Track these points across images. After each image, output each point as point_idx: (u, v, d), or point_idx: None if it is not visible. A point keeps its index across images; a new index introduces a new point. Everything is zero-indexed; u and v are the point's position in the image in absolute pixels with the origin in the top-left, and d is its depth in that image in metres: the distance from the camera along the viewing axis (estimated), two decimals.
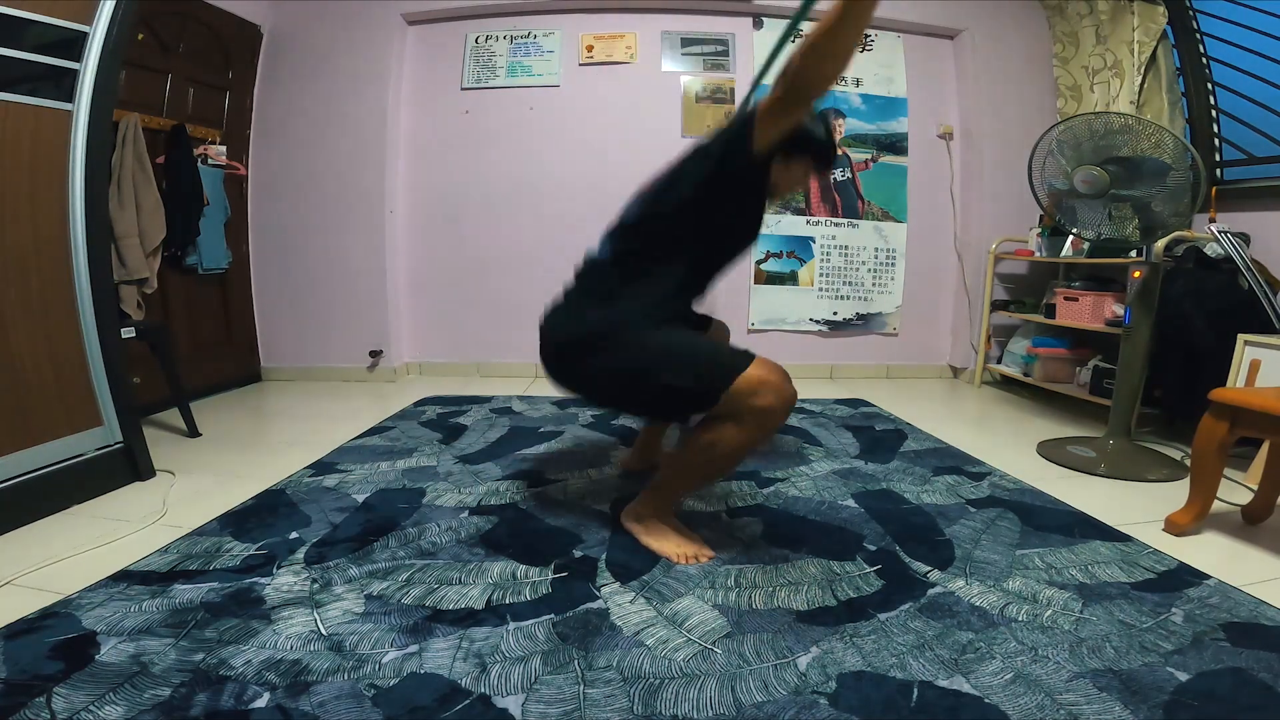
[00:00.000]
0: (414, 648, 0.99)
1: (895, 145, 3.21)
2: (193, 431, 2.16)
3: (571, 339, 1.29)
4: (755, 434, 1.18)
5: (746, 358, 1.17)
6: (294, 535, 1.37)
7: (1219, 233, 1.84)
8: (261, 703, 0.85)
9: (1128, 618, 1.08)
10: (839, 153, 1.42)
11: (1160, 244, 1.92)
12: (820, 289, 3.24)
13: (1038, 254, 2.91)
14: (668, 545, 1.31)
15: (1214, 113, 2.61)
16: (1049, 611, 1.10)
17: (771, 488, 1.69)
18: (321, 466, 1.82)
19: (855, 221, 3.21)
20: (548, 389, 2.85)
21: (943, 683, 0.91)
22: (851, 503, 1.59)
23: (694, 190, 1.26)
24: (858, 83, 3.17)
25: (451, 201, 3.14)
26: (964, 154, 3.24)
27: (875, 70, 3.18)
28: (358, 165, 2.98)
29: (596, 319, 1.27)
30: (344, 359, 3.10)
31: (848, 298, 3.26)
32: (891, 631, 1.04)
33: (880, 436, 2.19)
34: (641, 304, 1.27)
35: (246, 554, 1.28)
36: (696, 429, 1.22)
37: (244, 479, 1.73)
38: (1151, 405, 2.30)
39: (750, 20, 3.11)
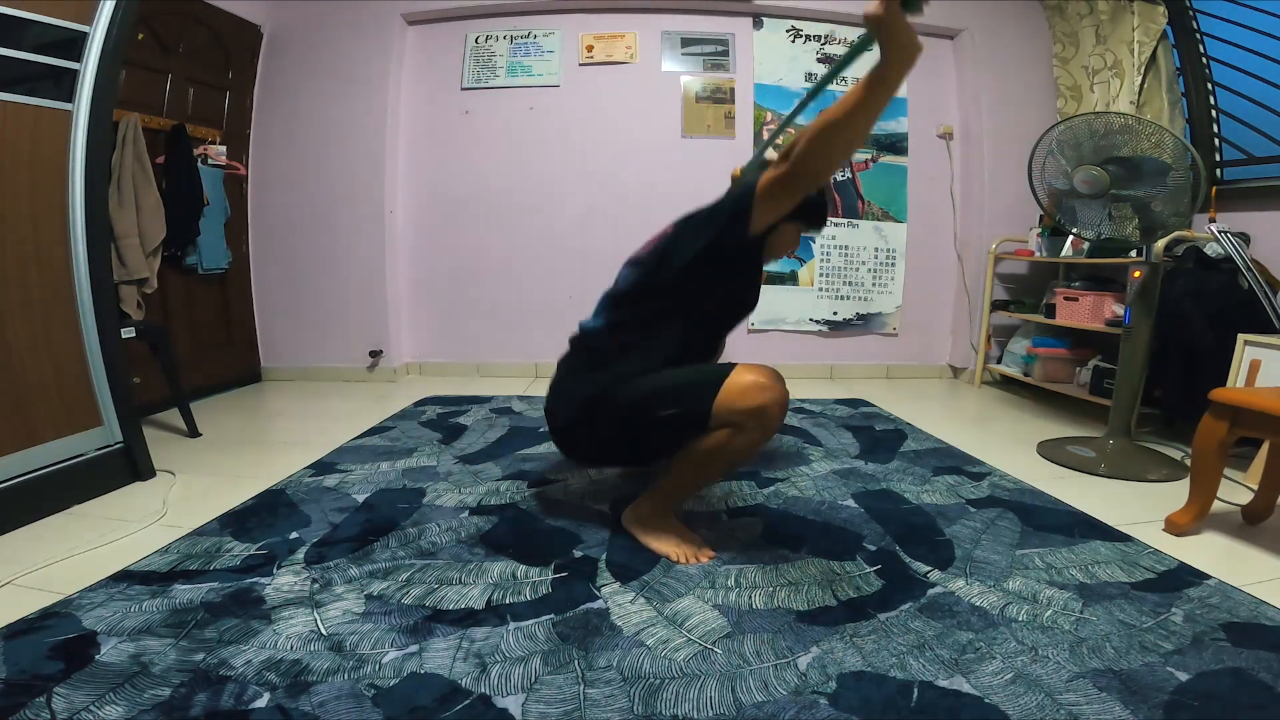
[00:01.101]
0: (414, 648, 0.98)
1: (895, 145, 3.21)
2: (193, 431, 2.16)
3: (572, 416, 1.32)
4: (755, 436, 1.19)
5: (726, 368, 1.20)
6: (294, 535, 1.37)
7: (1219, 233, 1.84)
8: (261, 703, 0.85)
9: (1128, 618, 1.08)
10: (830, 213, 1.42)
11: (1160, 244, 1.92)
12: (820, 289, 3.24)
13: (1038, 254, 2.91)
14: (668, 545, 1.31)
15: (1214, 113, 2.61)
16: (1049, 611, 1.10)
17: (771, 488, 1.69)
18: (321, 466, 1.82)
19: (855, 221, 3.21)
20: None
21: (943, 683, 0.91)
22: (851, 503, 1.59)
23: (689, 265, 1.25)
24: None
25: (451, 201, 3.14)
26: (964, 154, 3.24)
27: None
28: (358, 165, 2.98)
29: (592, 387, 1.28)
30: (344, 359, 3.10)
31: (848, 298, 3.26)
32: (891, 631, 1.04)
33: (880, 436, 2.19)
34: (637, 366, 1.27)
35: (246, 554, 1.28)
36: (700, 436, 1.22)
37: (244, 479, 1.73)
38: (1151, 405, 2.30)
39: (750, 20, 3.11)
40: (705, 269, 1.25)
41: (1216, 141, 2.60)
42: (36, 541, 1.35)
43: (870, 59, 0.97)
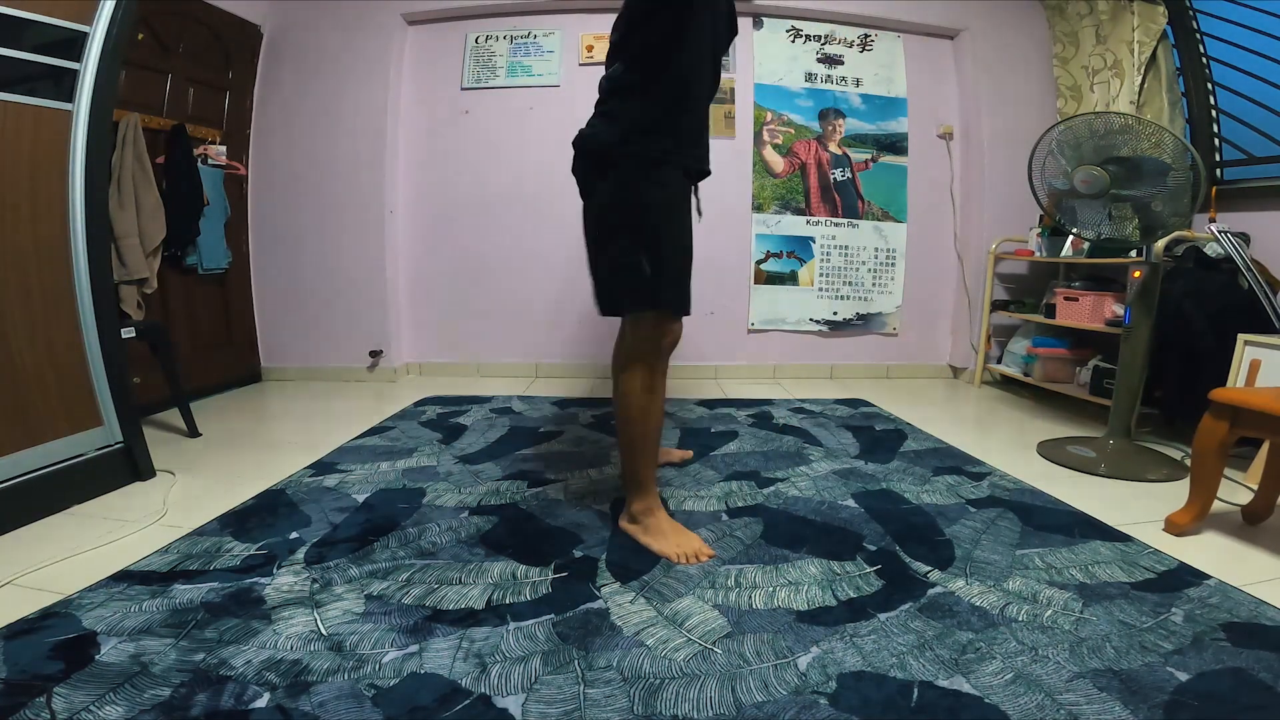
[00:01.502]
0: (414, 648, 0.99)
1: (895, 145, 3.21)
2: (193, 431, 2.16)
3: (603, 145, 1.32)
4: (642, 377, 1.31)
5: (684, 309, 1.31)
6: (294, 535, 1.37)
7: (1219, 233, 1.84)
8: (261, 703, 0.85)
9: (1128, 618, 1.08)
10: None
11: (1160, 244, 1.92)
12: (820, 289, 3.24)
13: (1038, 254, 2.91)
14: (667, 545, 1.31)
15: (1214, 113, 2.61)
16: (1049, 611, 1.10)
17: (771, 488, 1.69)
18: (321, 466, 1.82)
19: (855, 221, 3.21)
20: (548, 389, 2.86)
21: (943, 683, 0.91)
22: (851, 503, 1.59)
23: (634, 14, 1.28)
24: (858, 83, 3.18)
25: (451, 201, 3.14)
26: (964, 154, 3.24)
27: (875, 70, 3.18)
28: (358, 165, 2.98)
29: (637, 139, 1.27)
30: (344, 359, 3.10)
31: (848, 298, 3.26)
32: (891, 631, 1.04)
33: (880, 436, 2.19)
34: (670, 142, 1.28)
35: (246, 554, 1.28)
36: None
37: (244, 479, 1.73)
38: (1151, 405, 2.30)
39: (750, 20, 3.11)
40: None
41: (1216, 141, 2.60)
42: (36, 541, 1.35)
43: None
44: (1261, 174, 2.42)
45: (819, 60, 3.15)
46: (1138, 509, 1.59)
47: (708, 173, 1.44)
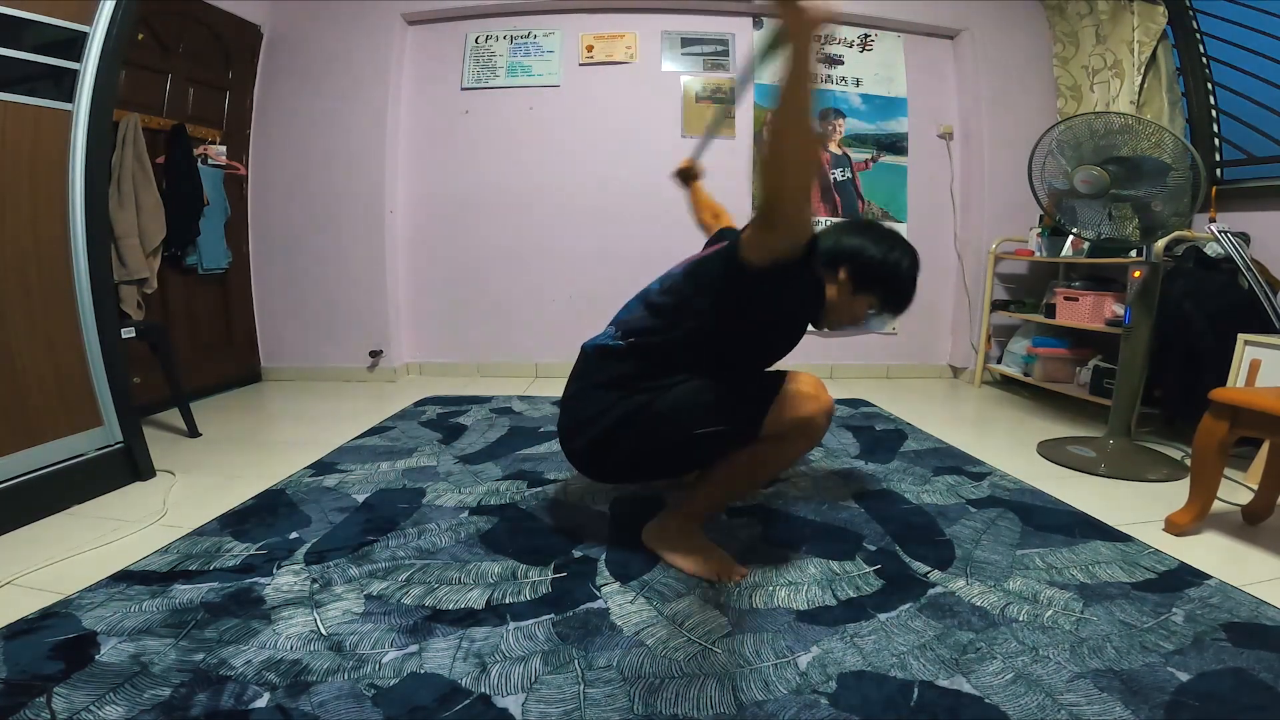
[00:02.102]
0: (414, 648, 0.98)
1: (895, 145, 3.21)
2: (193, 431, 2.15)
3: (598, 436, 1.20)
4: (800, 446, 1.17)
5: (775, 379, 1.15)
6: (294, 535, 1.37)
7: (1219, 233, 1.84)
8: (261, 703, 0.85)
9: (1128, 618, 1.08)
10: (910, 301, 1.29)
11: (1160, 244, 1.92)
12: None
13: (1038, 254, 2.91)
14: (698, 564, 1.23)
15: (1214, 113, 2.61)
16: (1049, 611, 1.10)
17: (772, 488, 1.69)
18: (321, 466, 1.82)
19: None
20: (548, 389, 2.86)
21: (943, 683, 0.91)
22: (851, 503, 1.59)
23: (701, 317, 1.17)
24: (858, 83, 3.18)
25: (451, 201, 3.14)
26: (964, 154, 3.24)
27: (875, 70, 3.18)
28: (358, 165, 2.98)
29: (624, 407, 1.17)
30: (344, 359, 3.10)
31: None
32: (891, 631, 1.04)
33: (880, 436, 2.19)
34: (672, 383, 1.18)
35: (246, 554, 1.28)
36: (741, 448, 1.17)
37: (244, 479, 1.73)
38: (1151, 405, 2.30)
39: (750, 20, 3.11)
40: (721, 316, 1.15)
41: (1216, 141, 2.60)
42: (36, 541, 1.35)
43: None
44: (1261, 174, 2.42)
45: (819, 60, 3.15)
46: (1138, 509, 1.59)
47: None
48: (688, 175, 1.78)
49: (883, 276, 1.23)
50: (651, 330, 1.22)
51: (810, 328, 1.32)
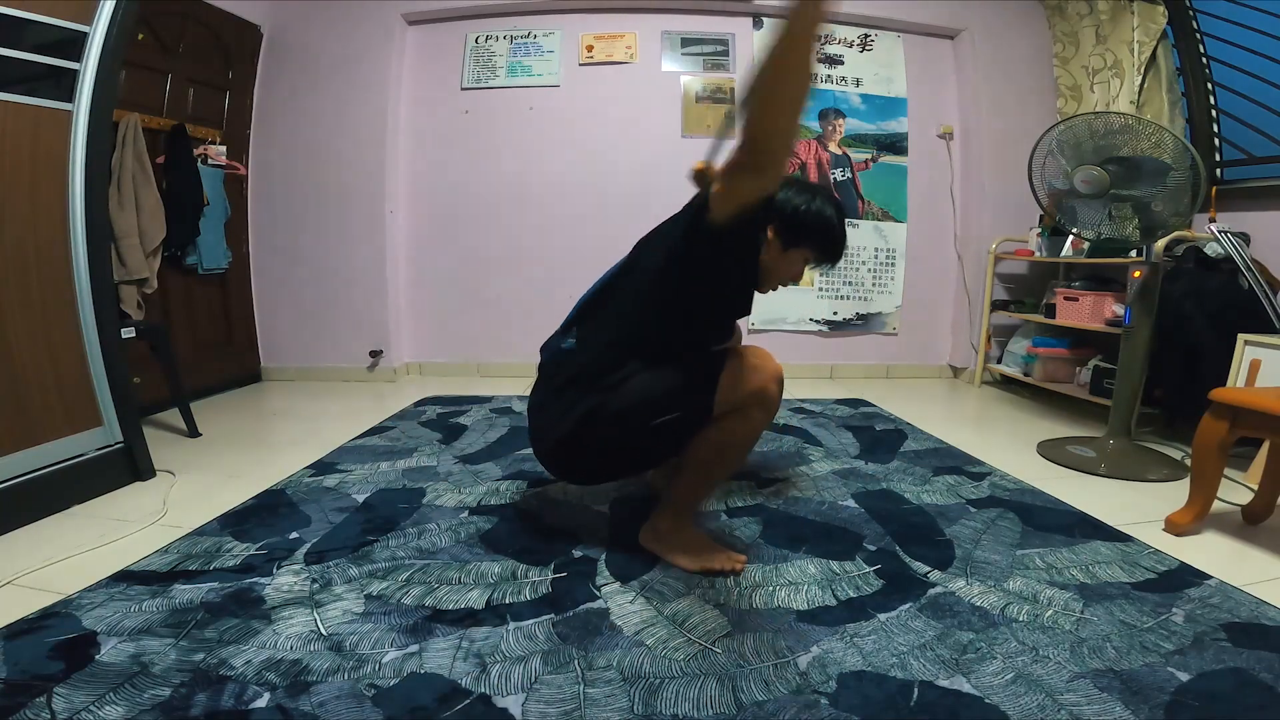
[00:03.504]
0: (414, 648, 0.98)
1: (895, 145, 3.21)
2: (193, 431, 2.15)
3: (564, 438, 1.21)
4: (759, 417, 1.17)
5: (721, 357, 1.16)
6: (294, 535, 1.37)
7: (1219, 233, 1.84)
8: (261, 703, 0.85)
9: (1128, 618, 1.08)
10: (845, 246, 1.27)
11: (1160, 244, 1.92)
12: (820, 289, 3.24)
13: (1038, 254, 2.91)
14: (696, 559, 1.24)
15: (1214, 113, 2.61)
16: (1050, 611, 1.10)
17: (771, 488, 1.69)
18: (321, 466, 1.82)
19: (855, 221, 3.21)
20: None
21: (943, 683, 0.91)
22: (851, 503, 1.59)
23: (660, 266, 1.17)
24: (858, 83, 3.18)
25: (451, 201, 3.14)
26: (964, 154, 3.24)
27: (875, 70, 3.18)
28: (358, 165, 2.98)
29: (584, 404, 1.18)
30: (344, 359, 3.10)
31: (848, 298, 3.26)
32: (891, 631, 1.04)
33: (880, 436, 2.19)
34: (629, 374, 1.18)
35: (246, 554, 1.28)
36: (703, 431, 1.18)
37: (244, 479, 1.73)
38: (1151, 405, 2.30)
39: (750, 20, 3.11)
40: (675, 270, 1.15)
41: (1216, 141, 2.60)
42: (36, 541, 1.35)
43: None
44: (1261, 174, 2.42)
45: (819, 60, 3.15)
46: (1138, 509, 1.59)
47: None
48: (702, 179, 1.76)
49: (810, 226, 1.22)
50: (601, 301, 1.24)
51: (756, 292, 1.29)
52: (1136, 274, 1.92)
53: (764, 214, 1.10)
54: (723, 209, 1.03)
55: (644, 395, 1.15)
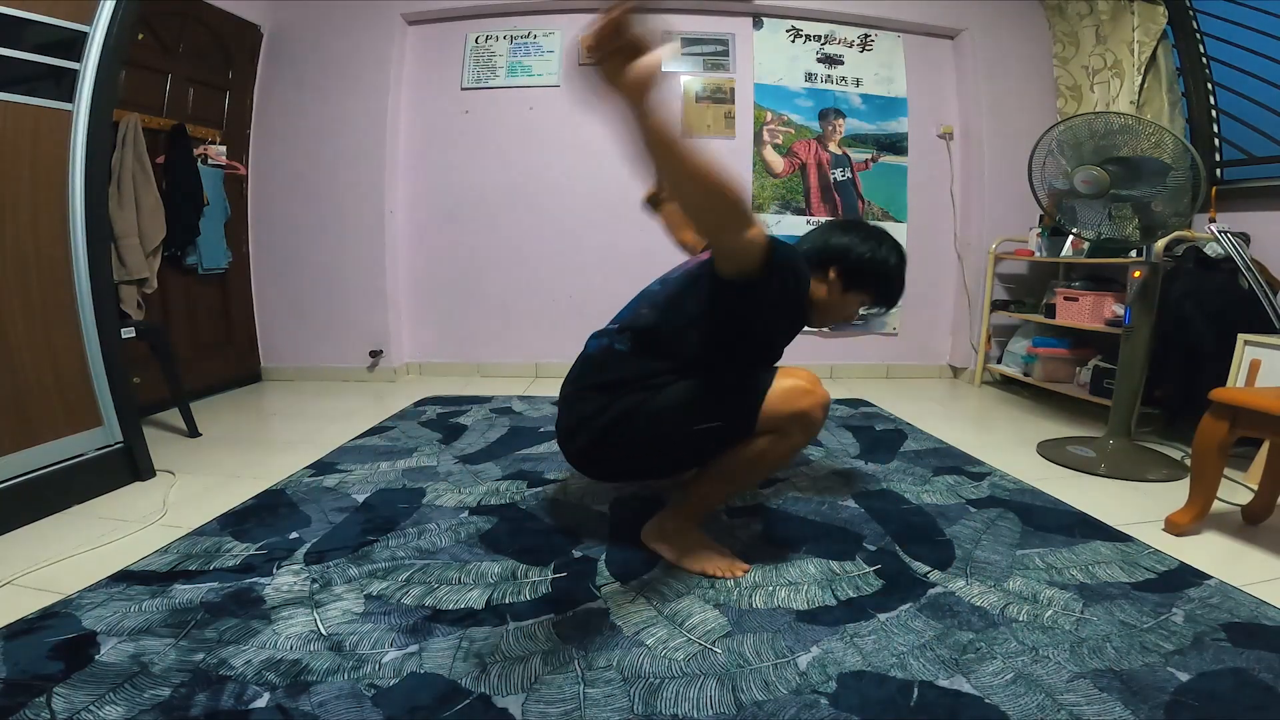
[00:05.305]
0: (414, 648, 0.98)
1: (895, 145, 3.21)
2: (193, 431, 2.15)
3: (597, 436, 1.20)
4: (797, 440, 1.16)
5: (769, 374, 1.15)
6: (294, 535, 1.37)
7: (1219, 233, 1.84)
8: (261, 703, 0.85)
9: (1128, 618, 1.08)
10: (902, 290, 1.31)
11: (1160, 244, 1.92)
12: None
13: (1038, 254, 2.91)
14: (700, 561, 1.24)
15: (1214, 113, 2.61)
16: (1049, 611, 1.10)
17: (771, 488, 1.69)
18: (321, 466, 1.82)
19: None
20: (548, 389, 2.86)
21: (943, 683, 0.91)
22: (851, 503, 1.59)
23: (696, 320, 1.19)
24: (858, 83, 3.18)
25: (451, 201, 3.14)
26: (964, 154, 3.24)
27: (875, 70, 3.18)
28: (358, 165, 2.98)
29: (623, 404, 1.18)
30: (344, 359, 3.10)
31: None
32: (891, 631, 1.04)
33: (880, 436, 2.19)
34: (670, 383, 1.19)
35: (246, 554, 1.28)
36: (739, 444, 1.17)
37: (244, 479, 1.73)
38: (1152, 405, 2.30)
39: (750, 20, 3.11)
40: (719, 316, 1.17)
41: (1216, 141, 2.60)
42: (36, 541, 1.35)
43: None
44: (1261, 174, 2.42)
45: (819, 60, 3.15)
46: (1138, 509, 1.59)
47: None
48: (655, 201, 1.73)
49: (872, 273, 1.26)
50: (654, 327, 1.23)
51: (806, 327, 1.33)
52: (1136, 274, 1.92)
53: (786, 258, 1.10)
54: (724, 269, 1.08)
55: (690, 398, 1.15)
